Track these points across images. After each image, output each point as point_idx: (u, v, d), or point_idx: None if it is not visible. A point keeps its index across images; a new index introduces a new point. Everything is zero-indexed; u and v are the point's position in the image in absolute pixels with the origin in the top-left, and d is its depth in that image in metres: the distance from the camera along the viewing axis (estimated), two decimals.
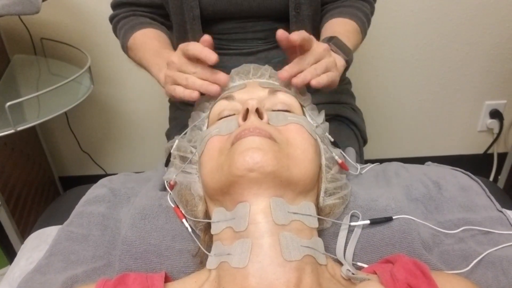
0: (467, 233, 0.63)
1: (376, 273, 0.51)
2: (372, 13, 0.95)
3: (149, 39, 0.86)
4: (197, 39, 0.87)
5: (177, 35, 0.94)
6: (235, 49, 0.91)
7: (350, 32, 0.83)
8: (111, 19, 0.95)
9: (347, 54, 0.76)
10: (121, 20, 0.92)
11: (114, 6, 0.95)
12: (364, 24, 0.89)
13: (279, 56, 0.91)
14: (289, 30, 0.86)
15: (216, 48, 0.91)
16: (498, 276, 0.58)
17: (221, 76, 0.67)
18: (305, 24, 0.88)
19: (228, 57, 0.91)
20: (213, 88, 0.65)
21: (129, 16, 0.91)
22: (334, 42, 0.75)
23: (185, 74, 0.67)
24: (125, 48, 0.90)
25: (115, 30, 0.95)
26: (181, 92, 0.67)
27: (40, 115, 1.13)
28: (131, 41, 0.87)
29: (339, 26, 0.85)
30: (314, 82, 0.64)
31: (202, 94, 0.67)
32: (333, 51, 0.73)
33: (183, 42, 0.92)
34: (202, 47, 0.65)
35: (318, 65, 0.66)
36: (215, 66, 0.91)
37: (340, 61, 0.73)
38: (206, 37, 0.66)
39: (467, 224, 0.64)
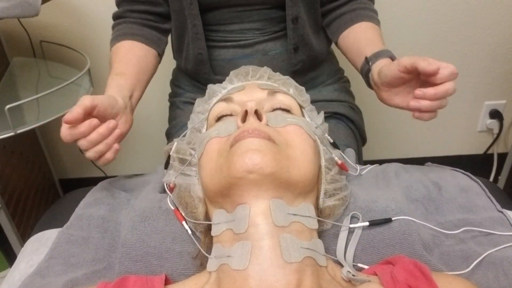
0: (468, 234, 0.63)
1: (376, 275, 0.51)
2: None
3: (118, 57, 0.88)
4: (196, 25, 0.90)
5: (176, 24, 0.94)
6: (232, 41, 0.92)
7: (381, 38, 0.87)
8: (114, 18, 0.97)
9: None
10: (116, 26, 0.94)
11: (118, 4, 0.97)
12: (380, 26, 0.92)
13: (276, 49, 0.91)
14: (285, 15, 0.89)
15: (213, 40, 0.94)
16: (499, 277, 0.58)
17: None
18: (300, 9, 0.88)
19: (226, 49, 0.92)
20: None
21: (122, 24, 0.93)
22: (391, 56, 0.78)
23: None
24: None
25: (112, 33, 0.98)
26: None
27: (39, 118, 1.13)
28: (112, 50, 0.91)
29: (370, 32, 0.88)
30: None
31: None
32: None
33: (182, 30, 0.96)
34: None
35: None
36: (213, 59, 0.92)
37: None
38: (67, 118, 0.63)
39: (467, 224, 0.64)
